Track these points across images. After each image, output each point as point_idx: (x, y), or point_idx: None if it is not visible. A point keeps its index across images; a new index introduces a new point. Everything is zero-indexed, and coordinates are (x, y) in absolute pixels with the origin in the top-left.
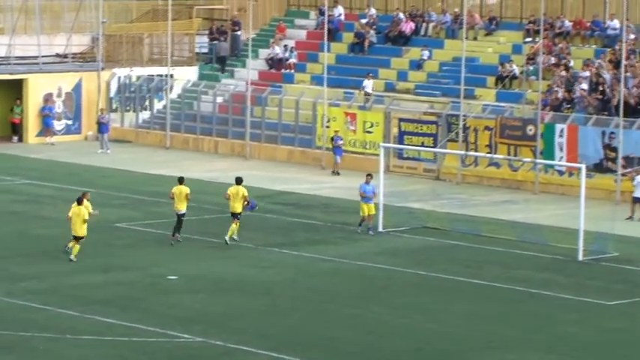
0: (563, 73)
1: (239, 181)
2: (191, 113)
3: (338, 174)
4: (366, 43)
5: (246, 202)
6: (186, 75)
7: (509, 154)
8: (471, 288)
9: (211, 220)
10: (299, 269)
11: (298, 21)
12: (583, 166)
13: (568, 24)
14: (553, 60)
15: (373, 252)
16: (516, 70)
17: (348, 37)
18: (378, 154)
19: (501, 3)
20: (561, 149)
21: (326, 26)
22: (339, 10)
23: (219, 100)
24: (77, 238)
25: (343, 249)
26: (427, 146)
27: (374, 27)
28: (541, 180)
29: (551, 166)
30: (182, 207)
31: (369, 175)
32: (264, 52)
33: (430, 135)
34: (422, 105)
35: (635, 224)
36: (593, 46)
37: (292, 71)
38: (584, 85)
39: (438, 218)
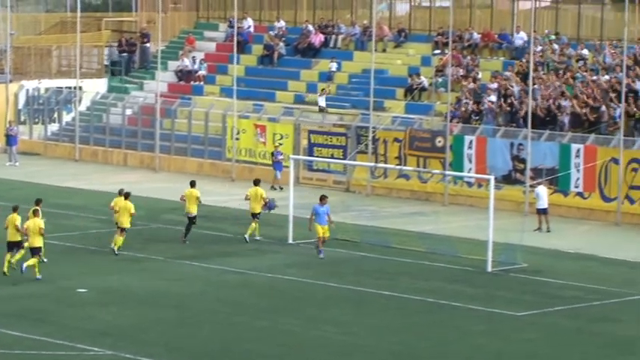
0: (472, 85)
1: (257, 182)
2: (100, 125)
3: (281, 189)
4: (276, 55)
5: (264, 203)
6: (95, 87)
7: (418, 165)
8: (381, 300)
9: None
10: (209, 281)
11: (207, 33)
12: (492, 178)
13: (476, 36)
14: (461, 72)
15: (284, 264)
16: (425, 82)
17: (258, 49)
18: (287, 166)
19: (410, 15)
20: (470, 161)
21: (235, 38)
22: (249, 22)
23: (129, 112)
24: (122, 230)
25: (254, 261)
26: (337, 158)
27: (283, 39)
28: (450, 191)
29: (461, 178)
30: (193, 210)
31: (324, 197)
32: (173, 64)
33: (339, 147)
34: (331, 117)
35: (544, 235)
36: (501, 58)
37: (202, 83)
38: (493, 97)
39: (348, 230)
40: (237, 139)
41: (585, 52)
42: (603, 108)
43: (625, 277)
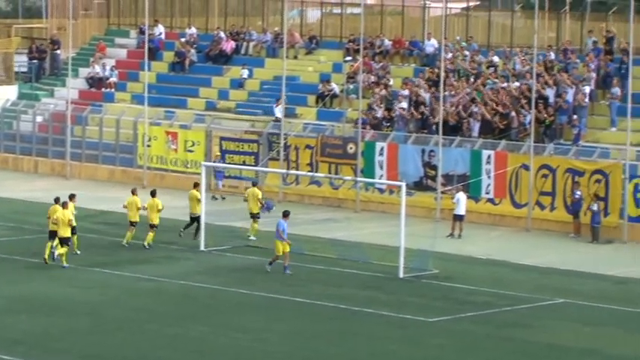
0: (383, 91)
1: (254, 183)
2: (10, 133)
3: (223, 199)
4: (187, 62)
5: (260, 204)
6: (5, 94)
7: (330, 172)
8: (293, 306)
9: (32, 241)
10: (122, 289)
11: (119, 40)
12: (403, 184)
13: (387, 43)
14: (373, 79)
15: (195, 271)
16: (336, 88)
17: (169, 56)
18: (199, 173)
19: (321, 22)
20: (381, 167)
21: (146, 45)
22: (160, 29)
23: (39, 119)
24: (152, 226)
25: (166, 268)
26: (248, 165)
27: (194, 46)
28: (362, 198)
29: (372, 184)
30: (196, 210)
31: (289, 212)
32: (84, 71)
33: (251, 154)
34: (243, 124)
35: (455, 241)
36: (413, 65)
37: (113, 90)
38: (404, 104)
39: (260, 237)
40: (148, 146)
41: (496, 58)
42: (513, 114)
43: (536, 283)
